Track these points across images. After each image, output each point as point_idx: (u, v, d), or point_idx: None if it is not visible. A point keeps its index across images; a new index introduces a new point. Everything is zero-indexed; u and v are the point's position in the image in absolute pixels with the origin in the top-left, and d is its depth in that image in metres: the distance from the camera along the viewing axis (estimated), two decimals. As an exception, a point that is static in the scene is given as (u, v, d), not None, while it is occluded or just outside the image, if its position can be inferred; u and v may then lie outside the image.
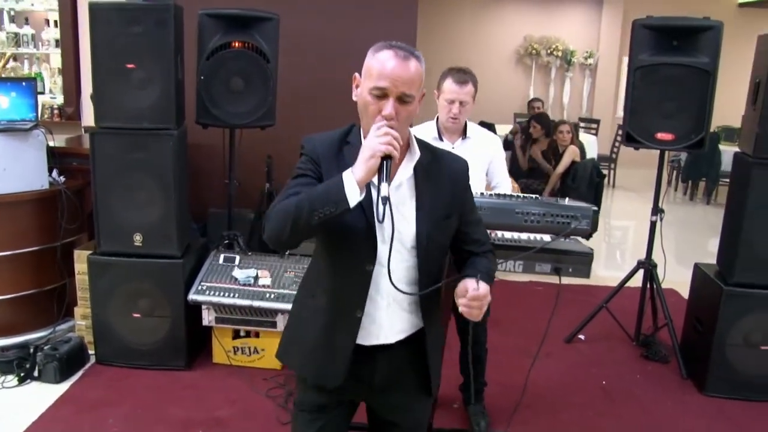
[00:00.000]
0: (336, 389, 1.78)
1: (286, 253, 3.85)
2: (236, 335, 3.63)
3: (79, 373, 3.50)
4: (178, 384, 3.44)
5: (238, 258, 3.72)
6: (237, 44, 3.70)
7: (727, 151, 8.49)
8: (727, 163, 9.15)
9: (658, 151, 3.97)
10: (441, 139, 3.05)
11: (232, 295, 3.49)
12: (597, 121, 11.27)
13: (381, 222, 1.57)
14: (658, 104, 3.71)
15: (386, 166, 1.55)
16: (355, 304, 1.72)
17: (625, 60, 12.86)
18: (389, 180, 1.55)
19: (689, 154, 8.78)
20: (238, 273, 3.58)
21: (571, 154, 6.14)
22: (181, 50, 3.40)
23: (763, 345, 3.46)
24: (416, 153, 1.73)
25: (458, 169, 1.81)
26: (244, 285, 3.54)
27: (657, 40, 3.69)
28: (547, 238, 2.67)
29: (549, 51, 12.24)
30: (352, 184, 1.54)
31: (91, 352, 3.63)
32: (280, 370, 3.61)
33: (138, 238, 3.41)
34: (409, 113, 1.66)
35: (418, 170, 1.72)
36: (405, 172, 1.72)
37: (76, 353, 3.53)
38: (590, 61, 12.31)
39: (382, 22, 4.91)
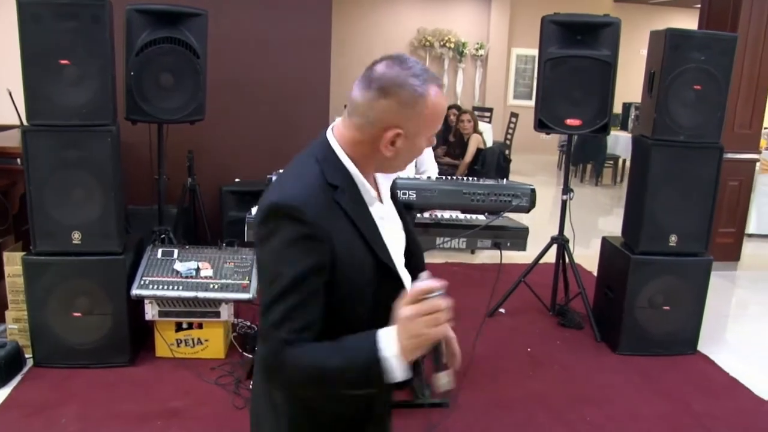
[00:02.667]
0: None
1: (223, 244, 3.92)
2: (179, 328, 3.67)
3: (18, 378, 3.41)
4: (125, 380, 3.44)
5: (176, 252, 3.75)
6: (166, 40, 3.72)
7: (610, 135, 9.21)
8: (611, 147, 9.93)
9: (548, 138, 4.35)
10: None
11: (175, 287, 3.52)
12: (490, 110, 11.82)
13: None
14: (567, 93, 4.08)
15: (439, 352, 1.37)
16: (387, 400, 1.61)
17: (514, 51, 13.55)
18: (449, 375, 1.38)
19: (578, 139, 9.46)
20: (179, 266, 3.62)
21: (475, 142, 6.48)
22: (113, 46, 3.38)
23: (665, 305, 3.90)
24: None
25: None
26: (187, 277, 3.58)
27: (563, 34, 4.04)
28: (483, 217, 2.94)
29: (442, 43, 12.71)
30: (398, 363, 1.27)
31: (28, 355, 3.55)
32: (225, 359, 3.69)
33: (77, 236, 3.37)
34: None
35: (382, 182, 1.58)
36: (386, 190, 1.59)
37: (12, 357, 3.43)
38: (481, 52, 12.88)
39: (299, 20, 5.03)
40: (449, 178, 2.71)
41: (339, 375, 1.29)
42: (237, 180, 5.10)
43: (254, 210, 2.93)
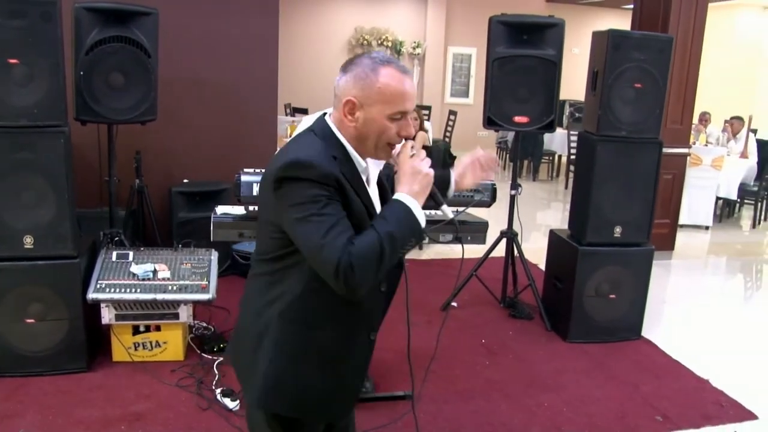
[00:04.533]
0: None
1: (179, 245, 3.88)
2: (136, 331, 3.61)
3: (-33, 389, 3.31)
4: (83, 386, 3.37)
5: (131, 254, 3.69)
6: (116, 39, 3.66)
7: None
8: (548, 143, 10.23)
9: (486, 135, 4.49)
10: None
11: (133, 290, 3.47)
12: (428, 108, 11.99)
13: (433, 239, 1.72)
14: (514, 91, 4.21)
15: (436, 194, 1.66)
16: (369, 327, 1.72)
17: (451, 49, 13.74)
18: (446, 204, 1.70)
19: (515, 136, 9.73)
20: (136, 268, 3.56)
21: (421, 140, 6.47)
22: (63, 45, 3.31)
23: (611, 294, 4.09)
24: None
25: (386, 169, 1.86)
26: (144, 280, 3.53)
27: (510, 34, 4.17)
28: (439, 213, 3.01)
29: (379, 41, 12.81)
30: (418, 210, 1.57)
31: (-23, 364, 3.43)
32: (185, 360, 3.66)
33: (29, 241, 3.28)
34: None
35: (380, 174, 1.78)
36: (375, 175, 1.76)
37: (-39, 368, 3.32)
38: (418, 50, 13.05)
39: (247, 18, 5.01)
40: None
41: (391, 236, 1.49)
42: (186, 181, 5.04)
43: (220, 209, 2.93)
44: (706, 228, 7.59)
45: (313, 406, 1.68)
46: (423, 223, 1.55)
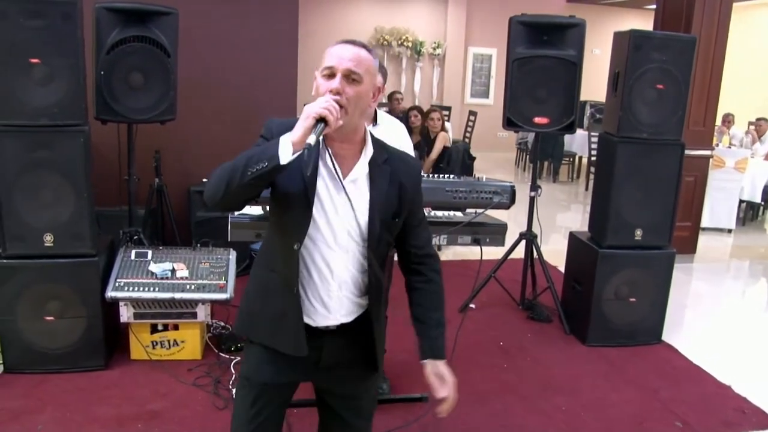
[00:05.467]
0: (287, 368, 1.86)
1: (197, 244, 3.89)
2: (154, 329, 3.63)
3: (-12, 384, 3.34)
4: (100, 384, 3.39)
5: (150, 253, 3.71)
6: (136, 39, 3.68)
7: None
8: (568, 144, 10.16)
9: (506, 136, 4.45)
10: None
11: (151, 289, 3.49)
12: (448, 108, 11.95)
13: (308, 174, 1.68)
14: (534, 92, 4.18)
15: (320, 127, 1.63)
16: (290, 279, 1.80)
17: (471, 50, 13.67)
18: (318, 135, 1.62)
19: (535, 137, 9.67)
20: (154, 267, 3.58)
21: (442, 140, 6.56)
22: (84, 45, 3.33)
23: (631, 297, 4.04)
24: (370, 150, 1.81)
25: (412, 170, 1.90)
26: (162, 278, 3.55)
27: (530, 35, 4.14)
28: (460, 214, 3.00)
29: (399, 42, 12.78)
30: (286, 142, 1.62)
31: (-2, 361, 3.47)
32: (202, 360, 3.67)
33: (49, 239, 3.31)
34: (358, 96, 1.71)
35: (373, 167, 1.80)
36: (361, 168, 1.79)
37: (-19, 364, 3.36)
38: (438, 51, 13.01)
39: (267, 17, 5.02)
40: (431, 176, 2.75)
41: (244, 160, 1.63)
42: (205, 180, 5.02)
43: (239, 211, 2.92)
44: (729, 231, 7.48)
45: (269, 330, 1.88)
46: (282, 148, 1.61)
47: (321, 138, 1.64)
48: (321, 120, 1.62)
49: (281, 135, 1.68)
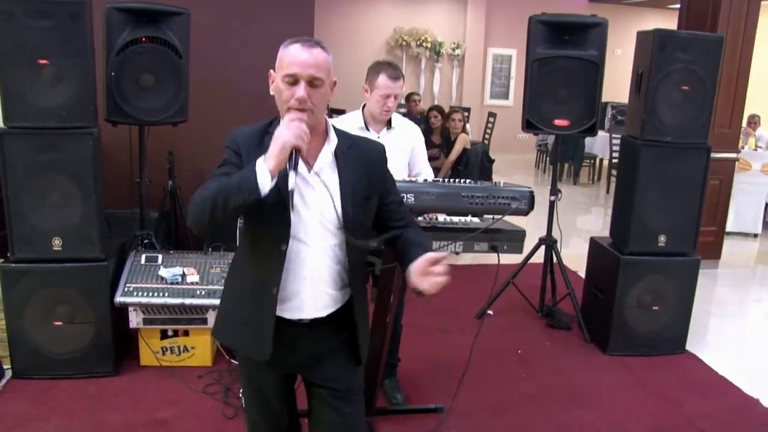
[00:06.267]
0: (270, 363, 1.89)
1: (209, 249, 3.82)
2: (164, 335, 3.57)
3: (-4, 390, 3.30)
4: (109, 390, 3.33)
5: (160, 257, 3.65)
6: (146, 39, 3.62)
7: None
8: (589, 146, 10.00)
9: (526, 138, 4.32)
10: (367, 129, 3.16)
11: (161, 294, 3.43)
12: (468, 109, 11.82)
13: (293, 210, 1.73)
14: (554, 93, 4.06)
15: (294, 157, 1.67)
16: (272, 282, 1.81)
17: (490, 50, 13.52)
18: (296, 168, 1.68)
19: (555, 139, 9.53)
20: (164, 272, 3.52)
21: (462, 142, 6.44)
22: (93, 45, 3.27)
23: (653, 305, 3.90)
24: (334, 139, 1.86)
25: (375, 152, 1.95)
26: (172, 283, 3.49)
27: (550, 35, 4.02)
28: (477, 220, 2.89)
29: (418, 42, 12.66)
30: (264, 173, 1.64)
31: (6, 366, 3.42)
32: (213, 366, 3.61)
33: (57, 242, 3.26)
34: (322, 97, 1.77)
35: (338, 155, 1.86)
36: (325, 157, 1.84)
37: (-10, 368, 3.32)
38: (458, 51, 12.88)
39: (282, 18, 4.94)
40: (447, 180, 2.65)
41: (224, 191, 1.65)
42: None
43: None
44: (755, 236, 7.28)
45: (233, 335, 1.98)
46: (261, 180, 1.63)
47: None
48: (295, 149, 1.67)
49: (247, 144, 1.82)
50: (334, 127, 1.90)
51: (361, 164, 1.88)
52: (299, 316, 1.88)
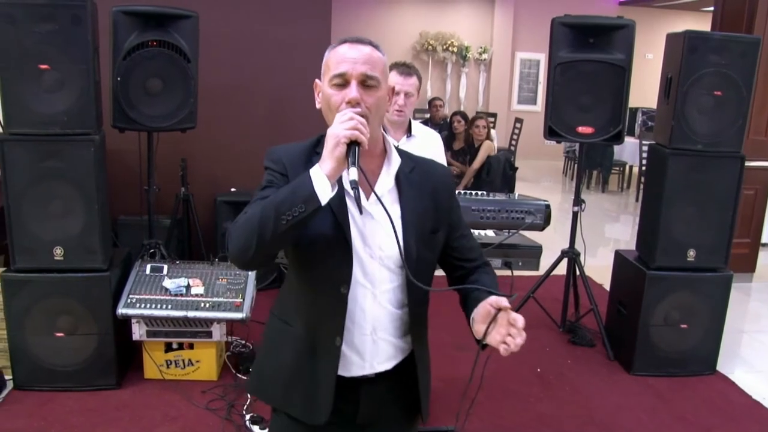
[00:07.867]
0: (320, 428, 1.62)
1: (215, 259, 3.71)
2: (168, 348, 3.46)
3: (-3, 401, 3.23)
4: (110, 404, 3.24)
5: (166, 267, 3.54)
6: (154, 43, 3.53)
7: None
8: (618, 153, 9.73)
9: (553, 144, 4.13)
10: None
11: (164, 306, 3.32)
12: (494, 115, 11.62)
13: (361, 213, 1.48)
14: (578, 99, 3.87)
15: (354, 152, 1.39)
16: (333, 331, 1.56)
17: (518, 55, 13.31)
18: (357, 165, 1.39)
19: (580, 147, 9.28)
20: (168, 283, 3.41)
21: (486, 149, 6.27)
22: (97, 49, 3.19)
23: (682, 323, 3.69)
24: (396, 160, 1.59)
25: (441, 176, 1.68)
26: (176, 295, 3.37)
27: (575, 37, 3.84)
28: (491, 233, 2.73)
29: (445, 47, 12.50)
30: (320, 178, 1.38)
31: (8, 377, 3.35)
32: (218, 381, 3.49)
33: (59, 252, 3.17)
34: (378, 100, 1.51)
35: (401, 179, 1.59)
36: (386, 182, 1.57)
37: (-9, 380, 3.25)
38: (485, 56, 12.68)
39: (297, 22, 4.82)
40: (459, 193, 2.50)
41: (274, 207, 1.39)
42: (233, 189, 4.90)
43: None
44: (792, 248, 6.96)
45: (283, 394, 1.67)
46: (319, 187, 1.37)
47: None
48: (353, 143, 1.39)
49: (292, 164, 1.54)
50: (394, 146, 1.63)
51: (426, 191, 1.61)
52: (359, 372, 1.62)
